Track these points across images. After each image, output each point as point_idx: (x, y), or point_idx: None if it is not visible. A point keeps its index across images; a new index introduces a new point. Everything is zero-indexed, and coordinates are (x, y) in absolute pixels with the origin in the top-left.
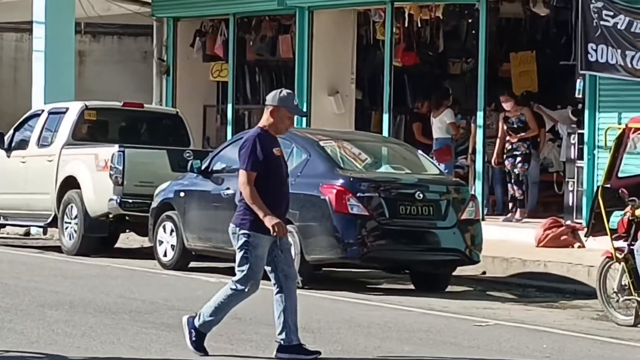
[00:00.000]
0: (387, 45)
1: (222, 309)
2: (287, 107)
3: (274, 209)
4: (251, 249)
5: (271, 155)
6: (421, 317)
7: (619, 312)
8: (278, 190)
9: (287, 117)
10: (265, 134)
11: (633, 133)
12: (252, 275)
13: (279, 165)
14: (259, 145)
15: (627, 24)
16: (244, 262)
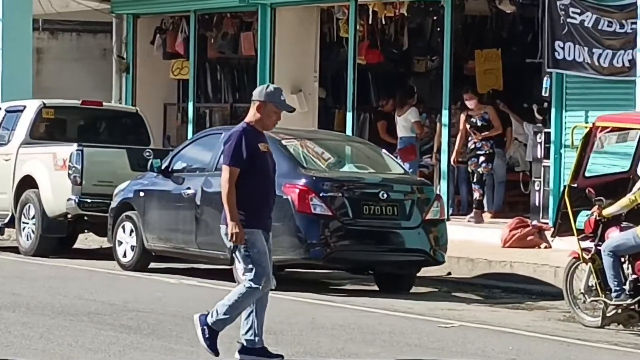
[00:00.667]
0: (351, 42)
1: (235, 308)
2: (274, 102)
3: (261, 205)
4: (251, 246)
5: (257, 151)
6: (385, 318)
7: (585, 313)
8: (264, 186)
9: (274, 112)
10: (251, 129)
11: (600, 132)
12: (262, 272)
13: (265, 161)
14: (244, 140)
15: (594, 21)
16: (249, 261)
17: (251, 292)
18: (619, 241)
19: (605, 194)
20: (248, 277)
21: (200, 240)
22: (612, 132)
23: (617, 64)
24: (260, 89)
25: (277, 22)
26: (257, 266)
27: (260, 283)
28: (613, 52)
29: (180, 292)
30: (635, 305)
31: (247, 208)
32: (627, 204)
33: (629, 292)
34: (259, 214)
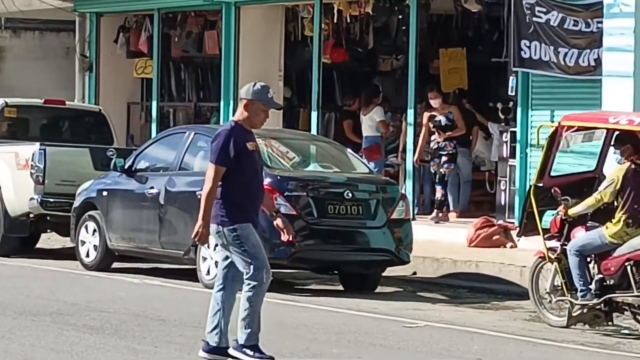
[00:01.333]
0: (316, 41)
1: (253, 314)
2: (262, 100)
3: (249, 203)
4: (244, 239)
5: (245, 150)
6: (350, 318)
7: (551, 313)
8: (252, 185)
9: (262, 110)
10: (239, 128)
11: (566, 131)
12: (261, 265)
13: (253, 160)
14: (232, 139)
15: (560, 20)
16: (246, 256)
17: (257, 290)
18: (584, 241)
19: (571, 193)
20: (247, 276)
21: (164, 240)
22: (578, 131)
23: (583, 63)
24: (247, 87)
25: (242, 20)
26: (254, 260)
27: (261, 277)
28: (579, 51)
29: (144, 292)
30: (601, 305)
31: (237, 205)
32: (593, 204)
33: (595, 291)
34: (247, 210)
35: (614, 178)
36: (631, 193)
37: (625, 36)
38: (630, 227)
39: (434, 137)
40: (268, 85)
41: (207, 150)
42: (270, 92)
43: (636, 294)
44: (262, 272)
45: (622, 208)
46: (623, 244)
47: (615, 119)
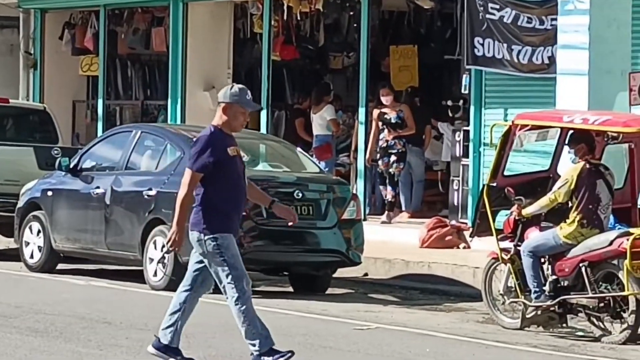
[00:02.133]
0: (265, 38)
1: (252, 322)
2: (240, 103)
3: (232, 210)
4: (224, 249)
5: (225, 155)
6: (300, 320)
7: (505, 315)
8: (234, 191)
9: (241, 112)
10: (219, 132)
11: (519, 130)
12: (239, 274)
13: (234, 165)
14: (211, 145)
15: (513, 17)
16: (224, 265)
17: (242, 300)
18: (538, 241)
19: (524, 193)
20: (230, 287)
21: (110, 241)
22: (531, 130)
23: (537, 61)
24: (225, 90)
25: (190, 17)
26: (233, 270)
27: (241, 287)
28: (532, 48)
29: (89, 294)
30: (555, 306)
31: (219, 212)
32: (547, 204)
33: (549, 293)
34: (230, 218)
35: (569, 178)
36: (586, 193)
37: (580, 33)
38: (584, 227)
39: (382, 135)
40: (245, 88)
41: (154, 149)
42: (249, 94)
43: (591, 295)
44: (242, 282)
45: (577, 208)
46: (577, 244)
47: (569, 118)
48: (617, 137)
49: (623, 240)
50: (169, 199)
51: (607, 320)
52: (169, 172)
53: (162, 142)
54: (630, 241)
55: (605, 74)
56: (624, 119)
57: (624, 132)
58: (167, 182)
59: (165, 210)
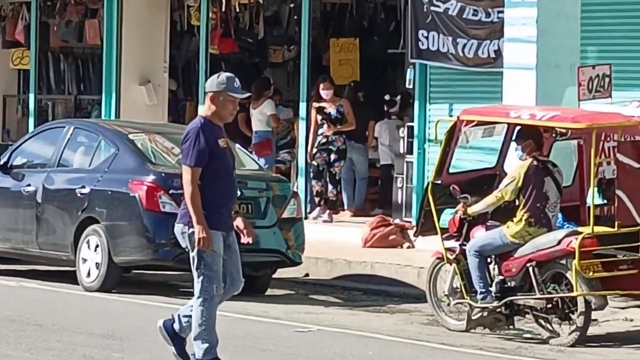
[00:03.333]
0: (203, 31)
1: (209, 327)
2: (228, 90)
3: (223, 203)
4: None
5: (216, 147)
6: (238, 322)
7: (450, 316)
8: (225, 184)
9: (230, 101)
10: (209, 123)
11: (465, 126)
12: (214, 276)
13: (225, 158)
14: (202, 136)
15: (458, 10)
16: (201, 263)
17: (210, 303)
18: (484, 241)
19: (470, 191)
20: (197, 287)
21: (42, 241)
22: (477, 126)
23: (483, 55)
24: (212, 80)
25: (124, 9)
26: (209, 270)
27: (212, 289)
28: (478, 42)
29: (20, 295)
30: (502, 308)
31: (207, 208)
32: (493, 202)
33: (495, 294)
34: (219, 213)
35: (516, 175)
36: (533, 191)
37: (527, 26)
38: (532, 226)
39: (322, 131)
40: (233, 75)
41: (87, 145)
42: (237, 82)
43: (538, 296)
44: (213, 284)
45: (524, 206)
46: (525, 244)
47: (516, 113)
48: (566, 133)
49: (571, 239)
50: (103, 197)
51: (556, 322)
52: (103, 169)
53: (95, 138)
54: (579, 240)
55: (554, 68)
56: (573, 115)
57: (572, 128)
58: (101, 180)
59: (99, 208)
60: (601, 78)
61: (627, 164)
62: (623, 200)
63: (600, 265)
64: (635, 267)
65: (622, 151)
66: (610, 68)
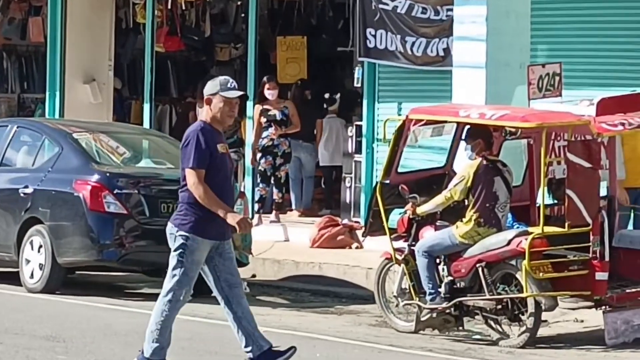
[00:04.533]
0: (149, 29)
1: (164, 328)
2: (220, 91)
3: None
4: (188, 252)
5: (215, 152)
6: (184, 324)
7: (398, 317)
8: (222, 191)
9: (224, 102)
10: (208, 127)
11: (414, 125)
12: (186, 282)
13: (224, 163)
14: (202, 139)
15: (407, 7)
16: (178, 266)
17: (173, 305)
18: (433, 241)
19: (419, 190)
20: (168, 286)
21: None
22: (426, 125)
23: (432, 53)
24: (208, 84)
25: (68, 6)
26: (183, 275)
27: (181, 293)
28: (427, 40)
29: None
30: (451, 309)
31: (202, 213)
32: (442, 202)
33: (445, 295)
34: (214, 220)
35: (465, 175)
36: (482, 191)
37: (477, 24)
38: (481, 226)
39: (266, 133)
40: (228, 77)
41: (31, 144)
42: (231, 83)
43: (488, 297)
44: (183, 289)
45: (473, 206)
46: (474, 244)
47: (466, 113)
48: (516, 132)
49: (521, 239)
50: (47, 197)
51: (505, 323)
52: (47, 169)
53: (39, 137)
54: (529, 241)
55: (504, 66)
56: (523, 114)
57: (522, 127)
58: (44, 180)
59: (42, 209)
60: (551, 77)
61: (577, 163)
62: (573, 200)
63: (550, 265)
64: (585, 268)
65: (572, 151)
66: (561, 67)
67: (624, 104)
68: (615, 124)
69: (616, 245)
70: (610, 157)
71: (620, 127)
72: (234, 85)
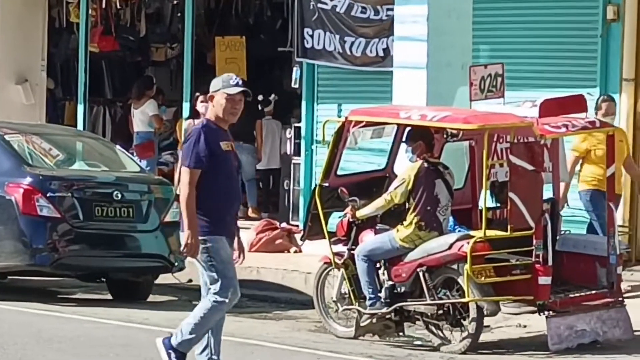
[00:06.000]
0: (83, 28)
1: (202, 325)
2: (222, 88)
3: (225, 210)
4: (214, 254)
5: (218, 150)
6: (119, 330)
7: (338, 323)
8: (227, 189)
9: (226, 98)
10: (211, 125)
11: (353, 127)
12: (229, 284)
13: (228, 161)
14: (203, 138)
15: (347, 7)
16: (213, 271)
17: (218, 307)
18: (374, 245)
19: (359, 193)
20: (213, 291)
21: None
22: (366, 126)
23: (371, 54)
24: (212, 82)
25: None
26: (222, 277)
27: (227, 296)
28: (366, 40)
29: None
30: (392, 314)
31: (210, 213)
32: (382, 205)
33: (385, 300)
34: (223, 219)
35: (406, 177)
36: (424, 194)
37: (418, 24)
38: (422, 230)
39: None
40: (232, 74)
41: None
42: (234, 80)
43: (429, 302)
44: (228, 291)
45: (414, 210)
46: (415, 248)
47: (406, 114)
48: (457, 134)
49: (463, 243)
50: None
51: (447, 329)
52: None
53: None
54: (471, 245)
55: (445, 67)
56: (464, 115)
57: (464, 129)
58: None
59: None
60: (493, 77)
61: (520, 166)
62: (516, 203)
63: (492, 270)
64: (528, 272)
65: (514, 153)
66: (503, 67)
67: (567, 105)
68: (559, 125)
69: (559, 249)
70: (554, 159)
71: (563, 129)
72: (237, 82)
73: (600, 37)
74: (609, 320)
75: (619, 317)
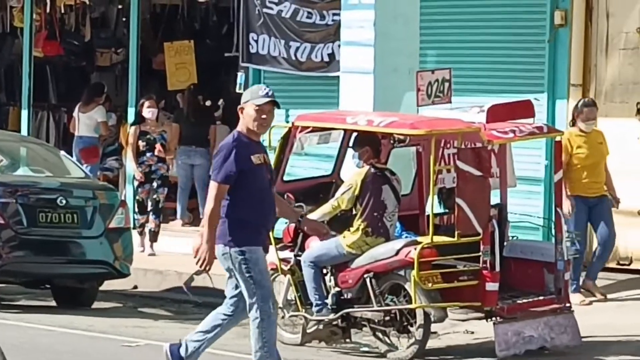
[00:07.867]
0: (27, 33)
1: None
2: (251, 99)
3: (260, 223)
4: (252, 265)
5: (249, 164)
6: (63, 337)
7: (284, 329)
8: (261, 203)
9: (255, 109)
10: (242, 138)
11: (300, 132)
12: (267, 294)
13: (260, 175)
14: (234, 152)
15: (292, 12)
16: (251, 283)
17: (267, 322)
18: (320, 251)
19: (306, 199)
20: (254, 307)
21: None
22: (313, 132)
23: (316, 59)
24: (243, 93)
25: None
26: (260, 288)
27: (268, 308)
28: (312, 45)
29: None
30: (338, 320)
31: (245, 225)
32: (329, 211)
33: (332, 306)
34: (258, 230)
35: (353, 183)
36: (370, 199)
37: (365, 29)
38: (369, 236)
39: (144, 159)
40: (262, 85)
41: None
42: (263, 90)
43: (376, 308)
44: (268, 302)
45: (361, 216)
46: (362, 254)
47: (353, 119)
48: (404, 139)
49: (410, 249)
50: None
51: (394, 335)
52: None
53: None
54: (418, 251)
55: (392, 72)
56: (411, 121)
57: (411, 134)
58: None
59: None
60: (441, 83)
61: (467, 171)
62: (463, 209)
63: (439, 276)
64: (475, 278)
65: (462, 158)
66: (450, 72)
67: (515, 111)
68: (506, 131)
69: (507, 255)
70: (501, 164)
71: (511, 134)
72: (265, 93)
73: (548, 43)
74: (556, 326)
75: (566, 323)
